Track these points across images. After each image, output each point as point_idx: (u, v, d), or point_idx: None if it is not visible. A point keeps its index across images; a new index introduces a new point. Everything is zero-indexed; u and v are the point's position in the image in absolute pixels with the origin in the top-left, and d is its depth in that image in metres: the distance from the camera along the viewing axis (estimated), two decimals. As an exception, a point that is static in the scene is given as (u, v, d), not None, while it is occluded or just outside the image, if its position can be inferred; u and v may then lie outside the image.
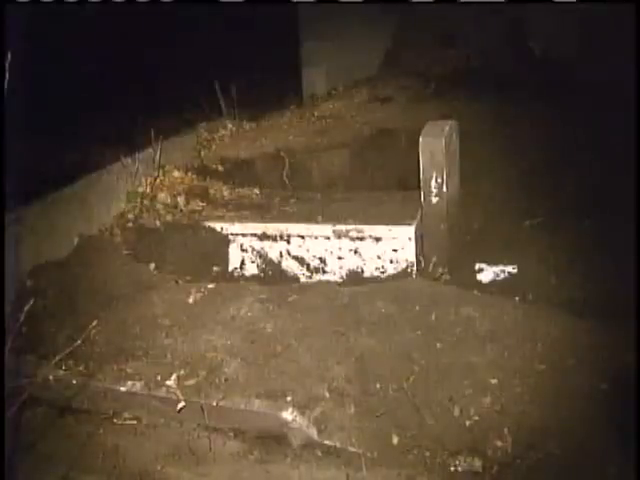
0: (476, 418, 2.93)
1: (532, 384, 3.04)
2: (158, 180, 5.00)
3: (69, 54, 5.37)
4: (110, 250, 4.46)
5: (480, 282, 4.02)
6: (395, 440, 2.89)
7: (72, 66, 5.37)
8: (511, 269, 4.03)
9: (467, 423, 2.92)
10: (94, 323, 3.59)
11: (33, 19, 3.61)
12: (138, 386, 3.31)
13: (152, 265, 4.46)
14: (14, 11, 3.44)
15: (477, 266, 4.11)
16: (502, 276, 4.01)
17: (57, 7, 4.26)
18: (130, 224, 4.66)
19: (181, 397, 3.19)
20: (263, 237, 4.42)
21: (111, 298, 3.97)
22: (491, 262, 4.10)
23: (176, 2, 5.02)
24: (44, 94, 4.34)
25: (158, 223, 4.64)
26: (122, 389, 3.33)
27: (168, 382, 3.27)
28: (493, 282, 4.00)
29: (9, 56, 2.98)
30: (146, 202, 4.81)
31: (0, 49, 3.26)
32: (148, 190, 4.89)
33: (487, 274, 4.05)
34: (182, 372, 3.32)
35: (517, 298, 3.72)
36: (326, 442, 2.95)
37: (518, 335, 3.30)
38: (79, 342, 3.27)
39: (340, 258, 4.28)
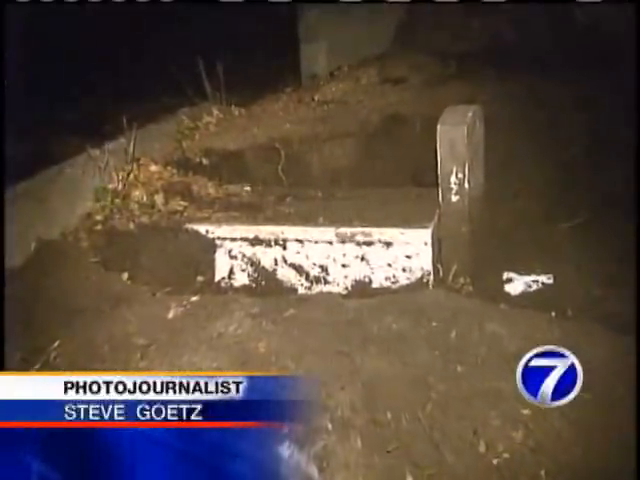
0: (506, 456, 2.90)
1: (573, 416, 3.00)
2: (132, 175, 4.98)
3: (27, 27, 5.37)
4: (74, 257, 4.45)
5: (508, 294, 4.00)
6: (410, 480, 2.88)
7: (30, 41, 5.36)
8: (546, 279, 4.01)
9: (495, 461, 2.89)
10: (55, 344, 3.57)
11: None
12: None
13: (125, 274, 4.44)
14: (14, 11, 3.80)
15: (505, 275, 4.10)
16: (535, 287, 3.99)
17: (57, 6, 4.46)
18: (99, 226, 4.64)
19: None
20: (255, 241, 4.41)
21: (75, 313, 3.95)
22: (522, 271, 4.08)
23: (176, 2, 5.19)
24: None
25: (132, 225, 4.62)
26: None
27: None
28: (524, 294, 3.98)
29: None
30: (117, 201, 4.80)
31: (0, 49, 3.71)
32: (120, 187, 4.87)
33: (517, 285, 4.03)
34: (159, 400, 3.30)
35: (553, 313, 3.68)
36: (328, 483, 2.94)
37: (554, 357, 3.28)
38: (37, 367, 3.25)
39: (344, 266, 4.27)
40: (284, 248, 4.36)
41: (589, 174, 4.51)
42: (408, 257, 4.15)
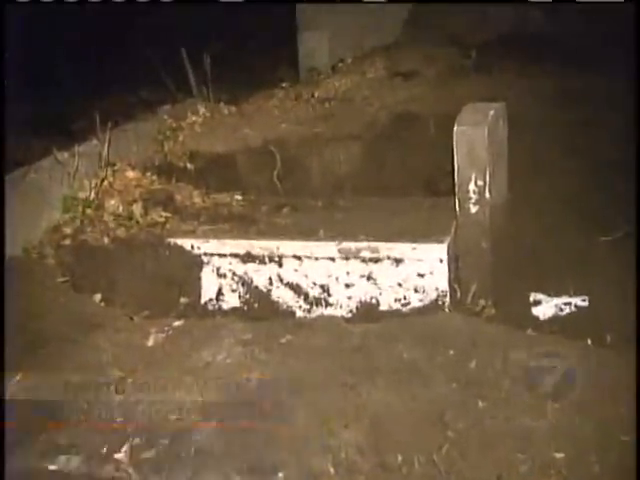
0: (535, 506, 2.91)
1: (614, 461, 2.98)
2: (106, 182, 4.99)
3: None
4: (39, 276, 4.44)
5: (537, 318, 3.99)
6: (424, 533, 2.88)
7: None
8: (580, 301, 4.01)
9: (522, 513, 2.90)
10: (17, 377, 3.56)
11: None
12: (75, 462, 3.28)
13: (97, 296, 4.44)
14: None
15: (532, 297, 4.10)
16: (567, 310, 3.99)
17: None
18: (67, 241, 4.63)
19: (135, 476, 3.17)
20: (247, 258, 4.40)
21: (41, 341, 3.94)
22: (552, 292, 4.08)
23: (176, 2, 5.33)
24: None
25: (106, 240, 4.62)
26: (52, 467, 3.29)
27: (117, 455, 3.23)
28: (554, 319, 3.97)
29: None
30: (90, 211, 4.80)
31: (0, 49, 3.99)
32: (92, 195, 4.87)
33: (546, 308, 4.03)
34: (137, 441, 3.29)
35: (589, 341, 3.68)
36: (330, 536, 2.94)
37: (591, 391, 3.27)
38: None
39: (348, 286, 4.27)
40: (280, 265, 4.35)
41: (629, 181, 4.50)
42: (421, 276, 4.15)
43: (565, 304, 4.01)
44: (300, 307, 4.34)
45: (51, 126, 5.26)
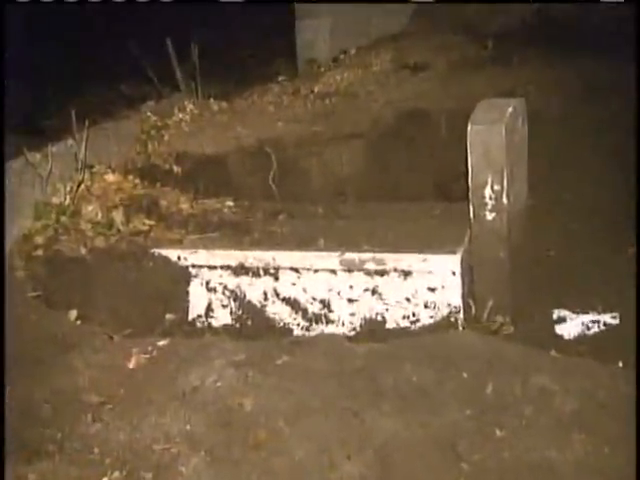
0: None
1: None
2: (83, 186, 4.98)
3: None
4: (8, 290, 4.43)
5: (561, 338, 3.99)
6: None
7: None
8: (609, 318, 4.00)
9: None
10: (-17, 402, 3.56)
11: None
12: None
13: (73, 313, 4.42)
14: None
15: (555, 313, 4.09)
16: (595, 329, 3.98)
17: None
18: (40, 251, 4.62)
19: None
20: (239, 270, 4.40)
21: (10, 363, 3.92)
22: (577, 308, 4.07)
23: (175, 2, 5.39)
24: None
25: (83, 250, 4.61)
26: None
27: (95, 490, 3.24)
28: (581, 338, 3.96)
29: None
30: (65, 219, 4.78)
31: (0, 49, 4.16)
32: (68, 201, 4.86)
33: (571, 326, 4.02)
34: (116, 474, 3.27)
35: (620, 363, 3.67)
36: None
37: (623, 420, 3.25)
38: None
39: (351, 301, 4.27)
40: (276, 278, 4.35)
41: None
42: (431, 290, 4.15)
43: (593, 322, 4.00)
44: (298, 324, 4.35)
45: (21, 124, 5.24)
